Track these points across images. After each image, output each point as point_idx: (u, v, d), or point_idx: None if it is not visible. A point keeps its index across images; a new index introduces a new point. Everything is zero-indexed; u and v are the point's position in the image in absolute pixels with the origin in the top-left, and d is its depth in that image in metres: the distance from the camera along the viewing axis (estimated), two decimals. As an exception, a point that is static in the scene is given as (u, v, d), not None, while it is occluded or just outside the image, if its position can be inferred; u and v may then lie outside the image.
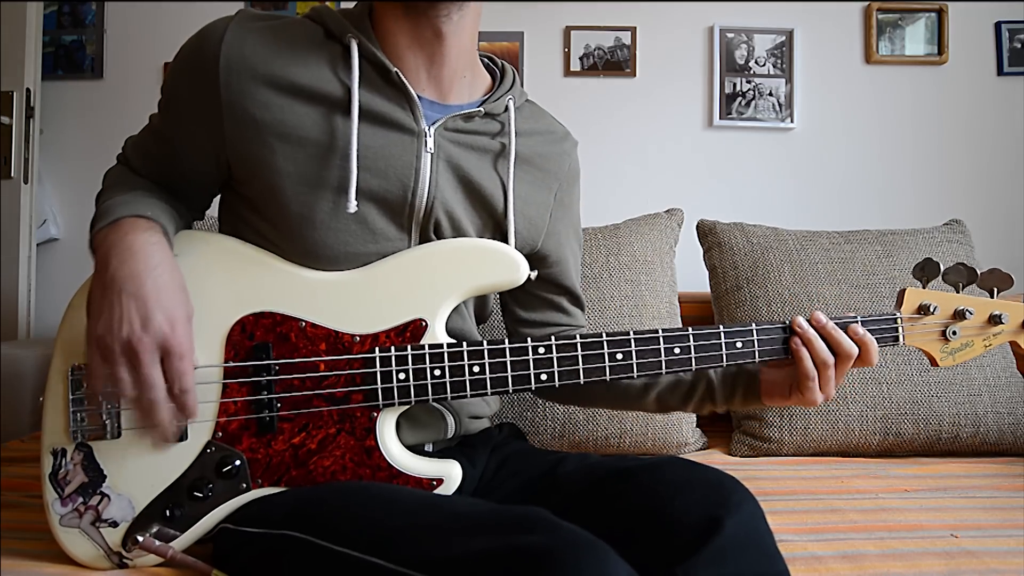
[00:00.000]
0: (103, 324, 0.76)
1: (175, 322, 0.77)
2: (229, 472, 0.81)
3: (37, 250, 1.98)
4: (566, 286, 1.07)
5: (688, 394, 1.01)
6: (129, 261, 0.78)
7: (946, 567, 0.89)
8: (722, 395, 0.99)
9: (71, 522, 0.80)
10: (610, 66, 2.11)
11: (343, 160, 0.85)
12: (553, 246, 1.03)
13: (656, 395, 1.02)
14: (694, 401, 1.01)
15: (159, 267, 0.79)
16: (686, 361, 0.90)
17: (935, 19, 2.10)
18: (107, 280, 0.77)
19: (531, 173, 0.98)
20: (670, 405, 1.03)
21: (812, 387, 0.90)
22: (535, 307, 1.07)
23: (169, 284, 0.79)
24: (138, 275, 0.77)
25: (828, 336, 0.90)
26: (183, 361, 0.77)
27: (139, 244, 0.80)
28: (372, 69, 0.87)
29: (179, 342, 0.76)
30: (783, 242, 1.54)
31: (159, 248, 0.81)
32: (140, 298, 0.76)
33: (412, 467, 0.85)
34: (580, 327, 1.10)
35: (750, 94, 2.10)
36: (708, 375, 1.00)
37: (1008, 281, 0.94)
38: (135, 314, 0.75)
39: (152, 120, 0.94)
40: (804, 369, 0.90)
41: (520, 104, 0.98)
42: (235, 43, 0.84)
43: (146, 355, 0.75)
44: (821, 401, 0.91)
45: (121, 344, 0.75)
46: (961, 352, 0.96)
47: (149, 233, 0.82)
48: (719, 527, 0.70)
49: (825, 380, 0.90)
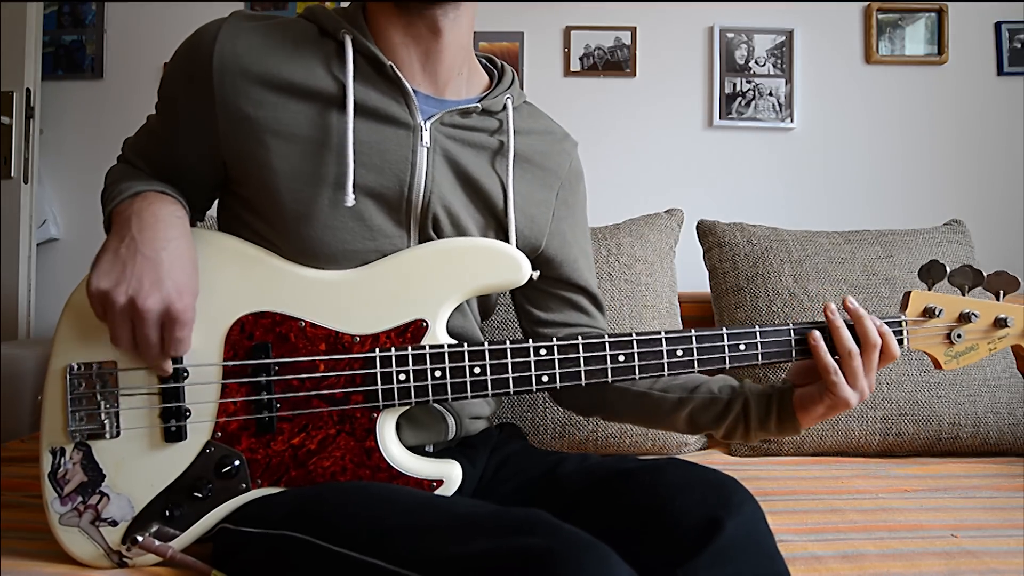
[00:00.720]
0: (110, 279, 0.77)
1: (183, 292, 0.78)
2: (228, 472, 0.81)
3: (37, 250, 1.98)
4: (580, 284, 1.05)
5: (723, 413, 0.95)
6: (152, 227, 0.80)
7: (946, 567, 0.89)
8: (757, 415, 0.94)
9: (70, 521, 0.80)
10: (610, 66, 2.11)
11: (339, 155, 0.85)
12: (559, 245, 1.02)
13: (689, 412, 0.97)
14: (728, 421, 0.95)
15: (179, 239, 0.81)
16: (689, 363, 0.89)
17: (935, 19, 2.10)
18: (126, 240, 0.79)
19: (531, 172, 0.98)
20: (702, 425, 0.98)
21: (837, 381, 0.87)
22: (552, 307, 1.04)
23: (184, 257, 0.80)
24: (158, 241, 0.79)
25: (858, 323, 0.88)
26: (184, 330, 0.79)
27: (164, 214, 0.83)
28: (366, 63, 0.88)
29: (183, 309, 0.78)
30: (783, 242, 1.54)
31: (182, 222, 0.84)
32: (155, 262, 0.78)
33: (412, 468, 0.85)
34: (602, 330, 1.07)
35: (750, 94, 2.10)
36: (745, 394, 0.95)
37: (1015, 284, 0.94)
38: (146, 276, 0.77)
39: (149, 121, 0.95)
40: (823, 364, 0.88)
41: (518, 104, 0.98)
42: (228, 42, 0.84)
43: (149, 315, 0.77)
44: (855, 401, 0.88)
45: (126, 300, 0.76)
46: (965, 356, 0.96)
47: (174, 207, 0.85)
48: (720, 528, 0.70)
49: (851, 373, 0.88)
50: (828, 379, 0.88)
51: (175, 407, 0.81)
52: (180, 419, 0.81)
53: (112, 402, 0.81)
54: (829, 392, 0.88)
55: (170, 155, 0.91)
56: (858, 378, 0.88)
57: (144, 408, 0.82)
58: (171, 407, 0.81)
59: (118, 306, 0.76)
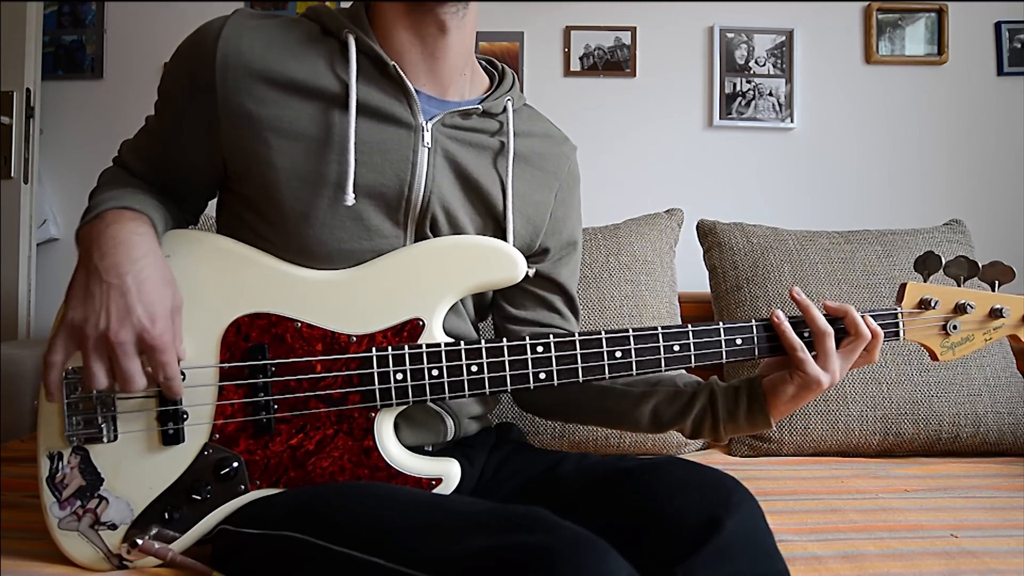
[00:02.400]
0: (79, 314, 0.75)
1: (155, 317, 0.76)
2: (227, 474, 0.81)
3: (37, 250, 1.98)
4: (561, 283, 1.05)
5: (688, 405, 0.95)
6: (112, 252, 0.77)
7: (946, 567, 0.89)
8: (725, 406, 0.93)
9: (70, 525, 0.80)
10: (610, 66, 2.11)
11: (340, 154, 0.85)
12: (553, 244, 1.03)
13: (653, 406, 0.96)
14: (694, 413, 0.94)
15: (143, 259, 0.78)
16: (685, 358, 0.89)
17: (935, 19, 2.10)
18: (89, 270, 0.77)
19: (530, 172, 0.98)
20: (666, 419, 0.97)
21: (804, 358, 0.87)
22: (527, 305, 1.04)
23: (152, 277, 0.78)
24: (120, 266, 0.76)
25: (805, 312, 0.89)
26: (164, 355, 0.76)
27: (123, 235, 0.79)
28: (369, 63, 0.88)
29: (158, 336, 0.75)
30: (783, 242, 1.54)
31: (144, 239, 0.80)
32: (121, 291, 0.75)
33: (411, 467, 0.85)
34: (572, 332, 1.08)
35: (750, 94, 2.10)
36: (712, 386, 0.95)
37: (1010, 274, 0.94)
38: (114, 307, 0.74)
39: (148, 121, 0.94)
40: (789, 341, 0.88)
41: (518, 107, 0.98)
42: (231, 40, 0.84)
43: (123, 348, 0.74)
44: (826, 381, 0.88)
45: (97, 336, 0.74)
46: (961, 346, 0.96)
47: (135, 224, 0.81)
48: (719, 527, 0.70)
49: (824, 352, 0.88)
50: (795, 356, 0.88)
51: (172, 410, 0.81)
52: (178, 422, 0.81)
53: (109, 406, 0.81)
54: (797, 371, 0.88)
55: (168, 154, 0.91)
56: (830, 358, 0.88)
57: (141, 411, 0.81)
58: (168, 410, 0.81)
59: (91, 341, 0.74)
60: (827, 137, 2.11)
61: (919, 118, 2.11)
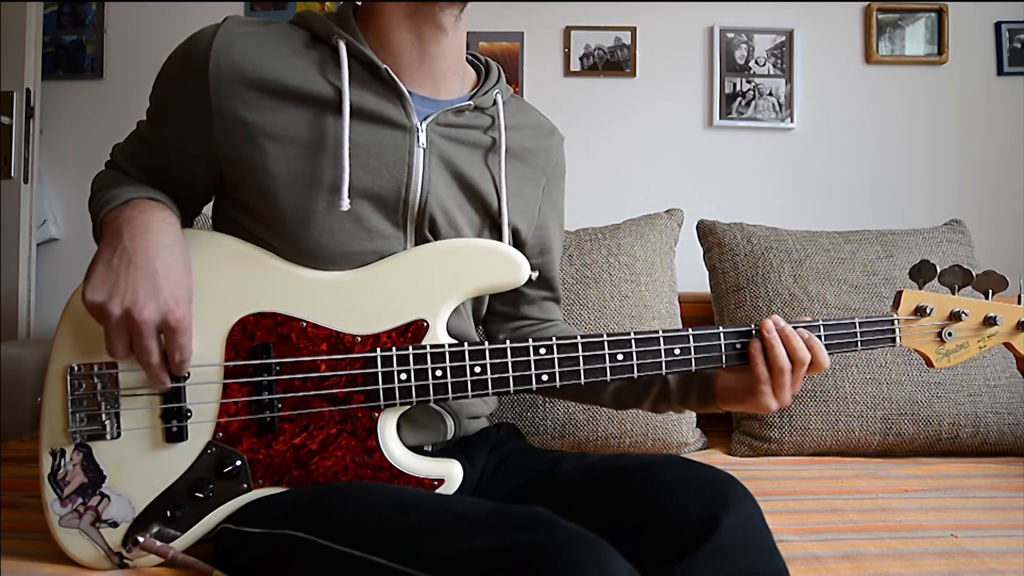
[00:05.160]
0: (104, 291, 0.77)
1: (179, 300, 0.79)
2: (230, 472, 0.81)
3: (37, 250, 1.98)
4: (547, 278, 1.08)
5: (643, 392, 1.00)
6: (143, 236, 0.80)
7: (946, 567, 0.89)
8: (677, 396, 0.99)
9: (71, 523, 0.80)
10: (610, 66, 2.11)
11: (335, 158, 0.85)
12: (540, 239, 1.04)
13: (613, 390, 1.02)
14: (649, 399, 1.01)
15: (171, 246, 0.81)
16: (686, 362, 0.90)
17: (935, 19, 2.10)
18: (118, 250, 0.79)
19: (520, 168, 0.99)
20: (625, 402, 1.03)
21: (765, 391, 0.90)
22: (507, 299, 1.06)
23: (178, 264, 0.81)
24: (150, 249, 0.79)
25: (787, 341, 0.89)
26: (184, 336, 0.79)
27: (155, 221, 0.82)
28: (361, 67, 0.88)
29: (181, 318, 0.78)
30: (783, 242, 1.54)
31: (173, 228, 0.84)
32: (149, 273, 0.78)
33: (413, 467, 0.85)
34: (554, 321, 1.10)
35: (750, 94, 2.10)
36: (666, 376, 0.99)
37: (1003, 283, 0.96)
38: (140, 287, 0.77)
39: (140, 127, 0.94)
40: (757, 373, 0.90)
41: (507, 99, 0.99)
42: (224, 48, 0.84)
43: (146, 327, 0.77)
44: (775, 408, 0.91)
45: (122, 312, 0.76)
46: (956, 353, 0.98)
47: (164, 213, 0.85)
48: (717, 525, 0.70)
49: (780, 386, 0.89)
50: (757, 387, 0.90)
51: (176, 407, 0.81)
52: (181, 419, 0.81)
53: (113, 403, 0.81)
54: (752, 397, 0.91)
55: (163, 161, 0.91)
56: (784, 391, 0.90)
57: (145, 409, 0.82)
58: (172, 407, 0.81)
59: (114, 318, 0.76)
60: (827, 137, 2.11)
61: (919, 118, 2.11)
